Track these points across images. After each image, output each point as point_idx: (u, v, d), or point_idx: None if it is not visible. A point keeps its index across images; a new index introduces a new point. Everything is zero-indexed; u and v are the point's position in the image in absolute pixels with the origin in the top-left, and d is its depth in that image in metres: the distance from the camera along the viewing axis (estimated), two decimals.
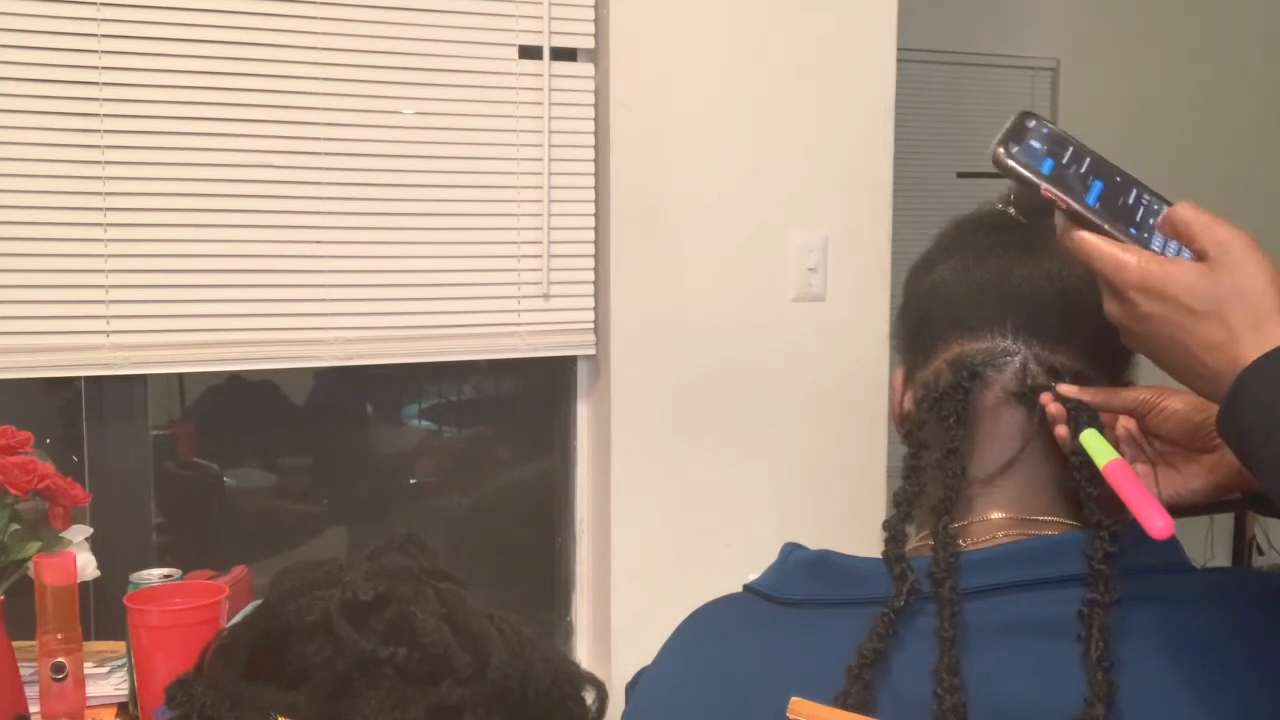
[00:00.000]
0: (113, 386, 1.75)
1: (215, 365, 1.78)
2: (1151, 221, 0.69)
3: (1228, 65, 3.38)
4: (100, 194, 1.66)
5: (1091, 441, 0.74)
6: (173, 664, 1.13)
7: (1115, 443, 0.77)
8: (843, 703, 0.69)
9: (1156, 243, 0.69)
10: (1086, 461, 0.74)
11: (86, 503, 1.42)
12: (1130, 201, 0.70)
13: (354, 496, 2.11)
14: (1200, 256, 0.67)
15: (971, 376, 0.80)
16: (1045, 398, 0.78)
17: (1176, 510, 0.77)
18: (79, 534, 1.41)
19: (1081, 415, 0.76)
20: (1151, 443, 0.81)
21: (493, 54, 1.87)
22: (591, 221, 1.95)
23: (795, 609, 0.78)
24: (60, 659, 1.29)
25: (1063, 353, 0.80)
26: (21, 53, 1.62)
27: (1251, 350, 0.64)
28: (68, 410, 1.78)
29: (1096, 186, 0.70)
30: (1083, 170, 0.70)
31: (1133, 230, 0.68)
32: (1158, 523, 0.66)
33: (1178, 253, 0.68)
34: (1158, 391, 0.78)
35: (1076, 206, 0.68)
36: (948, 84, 3.16)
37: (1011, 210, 0.86)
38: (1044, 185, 0.69)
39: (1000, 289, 0.81)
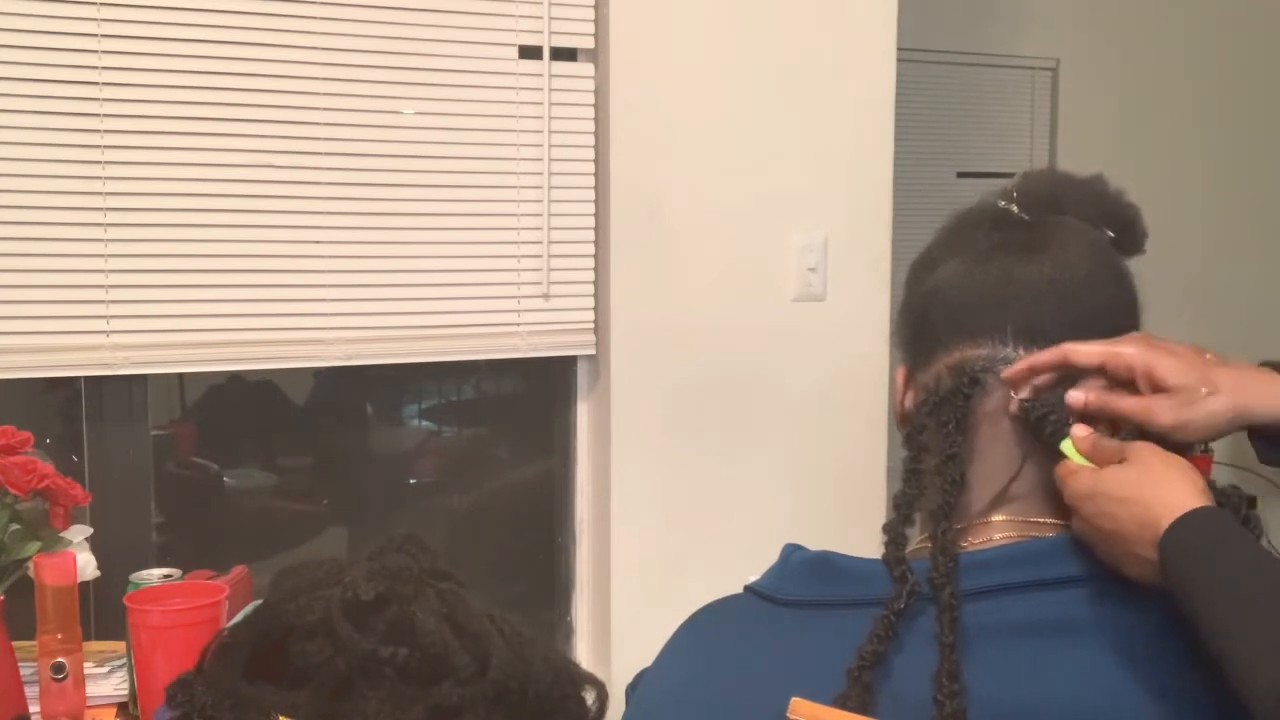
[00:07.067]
0: (113, 386, 1.75)
1: (215, 365, 1.78)
2: None
3: (1229, 65, 3.37)
4: (100, 194, 1.66)
5: (1072, 450, 0.76)
6: (173, 664, 1.13)
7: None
8: (843, 704, 0.69)
9: None
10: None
11: (86, 503, 1.43)
12: None
13: (354, 496, 2.11)
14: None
15: (972, 383, 0.80)
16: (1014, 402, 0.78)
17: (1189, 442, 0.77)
18: (79, 534, 1.41)
19: (1060, 422, 0.77)
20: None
21: (493, 54, 1.87)
22: (591, 222, 1.94)
23: (796, 610, 0.78)
24: (60, 659, 1.29)
25: None
26: (21, 53, 1.62)
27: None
28: (68, 410, 1.78)
29: None
30: None
31: None
32: None
33: None
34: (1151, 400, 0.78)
35: None
36: (948, 84, 3.15)
37: (1014, 208, 0.86)
38: None
39: (1001, 293, 0.81)
